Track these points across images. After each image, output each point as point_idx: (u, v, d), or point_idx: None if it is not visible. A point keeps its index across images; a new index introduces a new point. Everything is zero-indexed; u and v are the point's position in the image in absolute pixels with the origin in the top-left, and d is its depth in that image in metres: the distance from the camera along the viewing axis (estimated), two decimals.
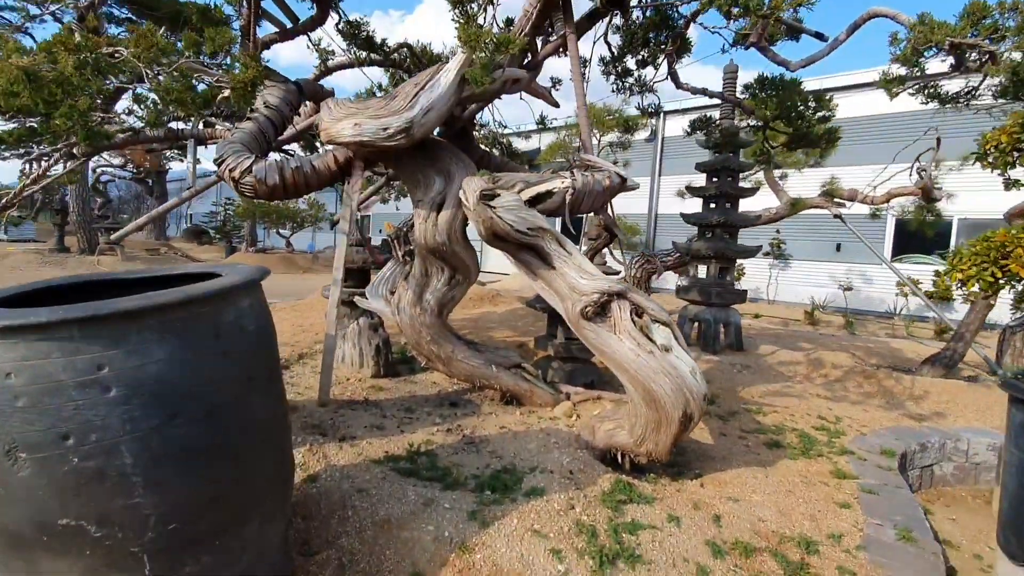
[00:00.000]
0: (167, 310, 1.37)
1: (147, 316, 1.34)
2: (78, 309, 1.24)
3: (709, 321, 6.22)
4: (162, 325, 1.37)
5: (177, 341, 1.39)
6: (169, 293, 1.39)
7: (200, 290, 1.43)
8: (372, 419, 3.39)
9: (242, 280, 1.58)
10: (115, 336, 1.30)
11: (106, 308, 1.27)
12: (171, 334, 1.38)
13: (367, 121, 2.66)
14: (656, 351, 2.68)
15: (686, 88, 4.29)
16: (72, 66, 2.19)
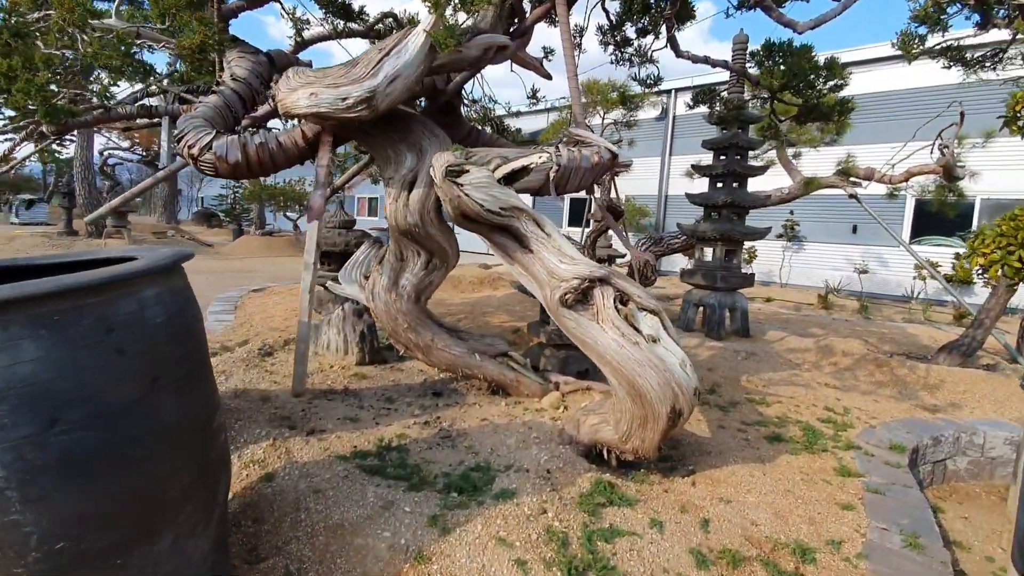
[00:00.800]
0: (40, 302, 1.18)
1: (13, 309, 1.15)
2: None
3: (714, 306, 5.96)
4: (34, 319, 1.18)
5: (54, 337, 1.20)
6: (43, 282, 1.20)
7: (84, 279, 1.24)
8: (347, 410, 3.22)
9: (145, 267, 1.38)
10: None
11: None
12: (47, 329, 1.19)
13: (324, 91, 2.44)
14: (642, 342, 2.46)
15: (686, 56, 3.98)
16: None
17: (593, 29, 4.78)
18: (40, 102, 2.83)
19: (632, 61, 4.75)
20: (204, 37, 2.31)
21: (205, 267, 12.43)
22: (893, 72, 12.17)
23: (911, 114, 11.48)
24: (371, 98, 2.41)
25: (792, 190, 7.75)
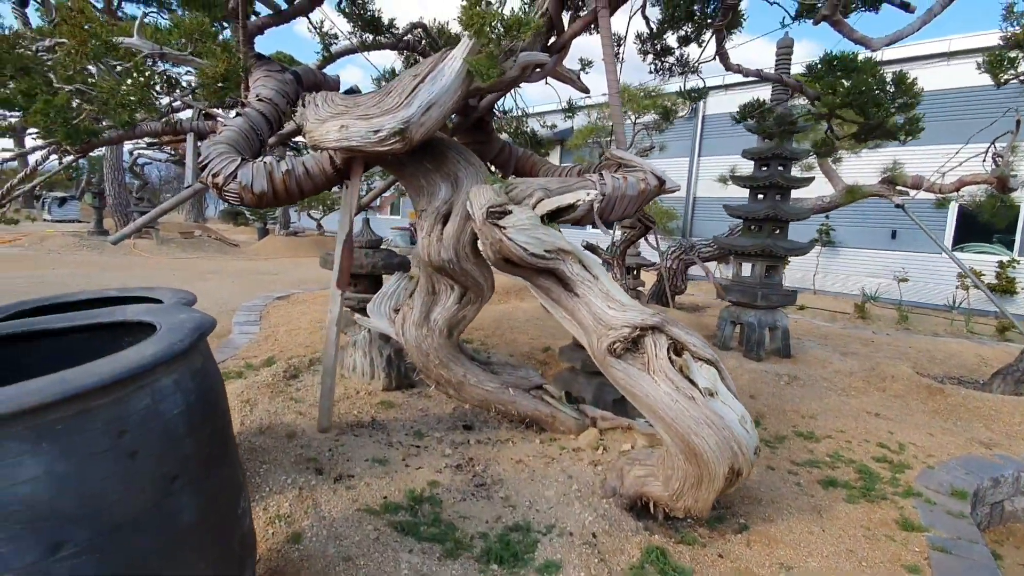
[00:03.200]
0: (41, 412, 1.02)
1: (11, 424, 1.00)
2: None
3: (753, 325, 5.67)
4: (35, 432, 1.02)
5: (58, 450, 1.05)
6: (45, 388, 1.04)
7: (92, 379, 1.08)
8: (376, 449, 3.07)
9: (162, 354, 1.22)
10: None
11: None
12: (49, 442, 1.04)
13: (355, 123, 2.26)
14: (698, 396, 2.24)
15: (738, 70, 3.72)
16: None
17: (631, 35, 4.53)
18: (61, 124, 2.72)
19: (673, 71, 4.49)
20: (228, 66, 2.16)
21: (231, 268, 12.50)
22: (940, 70, 11.59)
23: (960, 115, 10.93)
24: (405, 130, 2.23)
25: (834, 199, 7.39)
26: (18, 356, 1.59)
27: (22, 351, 1.59)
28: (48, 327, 1.60)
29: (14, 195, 3.51)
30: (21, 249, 12.45)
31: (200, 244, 15.81)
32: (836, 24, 2.63)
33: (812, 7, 3.12)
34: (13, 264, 10.31)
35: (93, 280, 9.25)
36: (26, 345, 1.60)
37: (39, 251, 12.62)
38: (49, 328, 1.60)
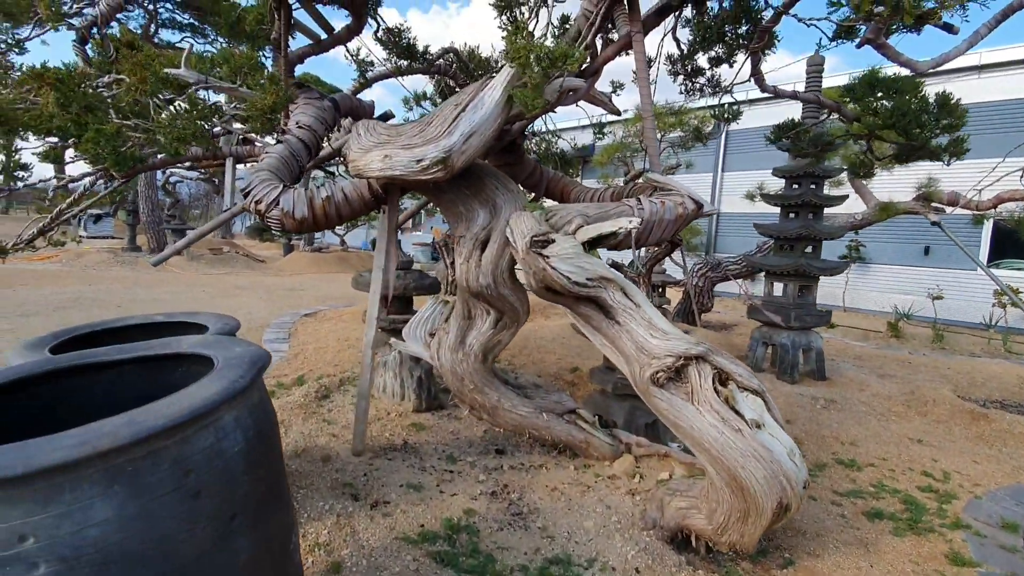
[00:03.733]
0: (113, 455, 1.03)
1: (85, 467, 1.01)
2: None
3: (786, 346, 5.54)
4: (107, 475, 1.03)
5: (128, 492, 1.06)
6: (118, 430, 1.05)
7: (162, 421, 1.09)
8: (410, 474, 3.05)
9: (226, 392, 1.23)
10: (43, 497, 0.98)
11: (23, 466, 0.94)
12: (120, 484, 1.05)
13: (398, 152, 2.29)
14: (744, 428, 2.18)
15: (774, 92, 3.68)
16: (54, 103, 1.93)
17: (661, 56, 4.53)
18: (110, 152, 2.81)
19: (704, 91, 4.47)
20: (276, 98, 2.21)
21: (259, 284, 12.73)
22: (971, 84, 11.35)
23: (996, 129, 10.67)
24: (446, 159, 2.25)
25: (867, 215, 7.24)
26: (76, 388, 1.62)
27: (80, 383, 1.63)
28: (106, 359, 1.63)
29: (63, 219, 3.63)
30: (59, 265, 12.87)
31: (228, 260, 16.15)
32: (880, 47, 2.58)
33: (850, 29, 3.09)
34: (53, 280, 10.65)
35: (128, 296, 9.50)
36: (83, 377, 1.63)
37: (76, 267, 13.02)
38: (107, 360, 1.63)
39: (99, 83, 2.09)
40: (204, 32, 16.31)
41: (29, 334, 6.30)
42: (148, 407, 1.15)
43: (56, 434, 1.04)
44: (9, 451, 0.97)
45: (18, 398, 1.48)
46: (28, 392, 1.50)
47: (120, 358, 1.63)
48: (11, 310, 7.62)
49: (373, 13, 3.35)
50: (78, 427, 1.07)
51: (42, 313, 7.58)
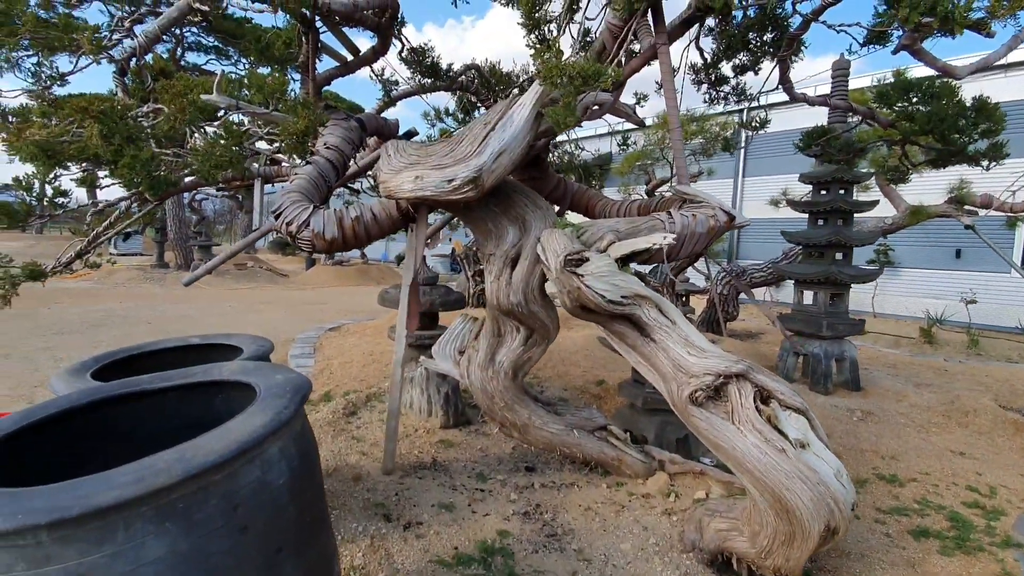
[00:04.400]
0: (165, 493, 1.03)
1: (138, 505, 1.01)
2: (43, 512, 0.92)
3: (819, 356, 5.40)
4: (159, 512, 1.03)
5: (179, 529, 1.05)
6: (171, 467, 1.05)
7: (212, 457, 1.09)
8: (441, 493, 3.03)
9: (272, 425, 1.22)
10: (97, 536, 0.97)
11: (79, 507, 0.94)
12: (172, 521, 1.04)
13: (429, 173, 2.29)
14: (788, 448, 2.11)
15: (803, 99, 3.61)
16: (98, 135, 1.98)
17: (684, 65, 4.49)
18: (144, 177, 2.88)
19: (728, 99, 4.42)
20: (308, 122, 2.24)
21: (283, 298, 12.92)
22: (1003, 83, 11.05)
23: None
24: (477, 178, 2.25)
25: (897, 220, 7.06)
26: (121, 416, 1.63)
27: (124, 411, 1.64)
28: (149, 388, 1.64)
29: (99, 242, 3.72)
30: (92, 283, 13.22)
31: (253, 275, 16.44)
32: (917, 53, 2.52)
33: (881, 34, 3.02)
34: (86, 298, 10.94)
35: (157, 312, 9.71)
36: (128, 406, 1.64)
37: (107, 284, 13.37)
38: (148, 389, 1.64)
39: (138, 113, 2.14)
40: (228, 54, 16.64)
41: (65, 352, 6.46)
42: (196, 442, 1.14)
43: (108, 472, 1.04)
44: (64, 491, 0.97)
45: (67, 428, 1.49)
46: (76, 421, 1.52)
47: (162, 386, 1.65)
48: (48, 328, 7.84)
49: (398, 34, 3.39)
50: (130, 463, 1.07)
51: (76, 331, 7.78)
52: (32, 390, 5.09)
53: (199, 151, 2.21)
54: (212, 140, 2.22)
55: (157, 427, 1.67)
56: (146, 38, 2.31)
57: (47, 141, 2.03)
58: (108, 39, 2.46)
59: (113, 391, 1.60)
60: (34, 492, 0.97)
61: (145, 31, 2.32)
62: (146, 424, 1.66)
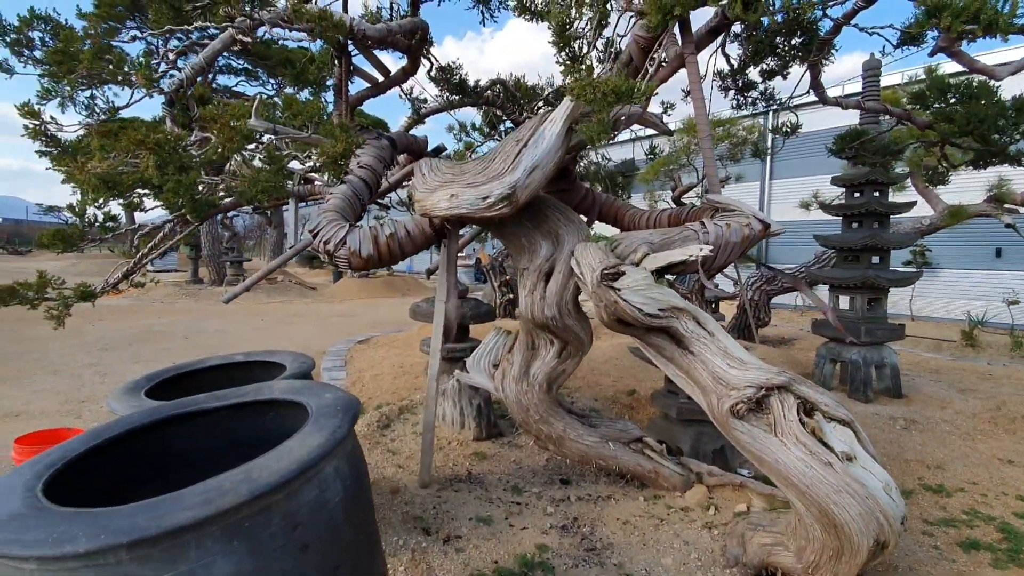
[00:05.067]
0: (232, 513, 1.07)
1: (209, 525, 1.05)
2: (123, 532, 0.97)
3: (857, 362, 5.26)
4: (227, 532, 1.07)
5: (245, 548, 1.09)
6: (238, 487, 1.09)
7: (276, 477, 1.13)
8: (478, 506, 3.04)
9: (329, 444, 1.26)
10: (170, 556, 1.02)
11: (155, 526, 0.98)
12: (238, 540, 1.08)
13: (464, 191, 2.34)
14: (835, 461, 2.07)
15: (835, 103, 3.56)
16: (153, 166, 2.08)
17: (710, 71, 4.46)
18: (187, 200, 2.99)
19: (756, 104, 4.37)
20: (346, 145, 2.31)
21: (312, 311, 13.17)
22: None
23: None
24: (512, 194, 2.28)
25: (935, 220, 6.86)
26: (177, 435, 1.70)
27: (180, 430, 1.71)
28: (203, 407, 1.70)
29: (145, 263, 3.87)
30: (131, 300, 13.69)
31: (283, 288, 16.80)
32: (955, 55, 2.46)
33: (915, 36, 2.96)
34: (125, 315, 11.34)
35: (194, 327, 10.00)
36: (183, 425, 1.71)
37: (144, 301, 13.82)
38: (203, 408, 1.71)
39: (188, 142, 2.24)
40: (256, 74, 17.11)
41: (109, 368, 6.71)
42: (259, 462, 1.19)
43: (180, 492, 1.09)
44: (142, 511, 1.02)
45: (129, 447, 1.56)
46: (137, 440, 1.58)
47: (216, 405, 1.71)
48: (92, 344, 8.15)
49: (426, 53, 3.47)
50: (198, 484, 1.12)
51: (119, 347, 8.07)
52: (80, 405, 5.29)
53: (246, 177, 2.30)
54: (258, 167, 2.31)
55: (211, 445, 1.72)
56: (192, 70, 2.43)
57: (107, 173, 2.15)
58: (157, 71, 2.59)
59: (171, 411, 1.67)
60: (114, 512, 1.02)
61: (192, 64, 2.44)
62: (200, 442, 1.72)
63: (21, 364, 6.77)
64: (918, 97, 3.35)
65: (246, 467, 1.16)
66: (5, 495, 1.13)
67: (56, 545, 0.95)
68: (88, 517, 1.01)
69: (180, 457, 1.69)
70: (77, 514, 1.02)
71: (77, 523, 1.00)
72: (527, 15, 3.96)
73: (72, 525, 0.99)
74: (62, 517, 1.02)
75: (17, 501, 1.10)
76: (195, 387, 2.54)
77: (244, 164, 2.50)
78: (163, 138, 2.21)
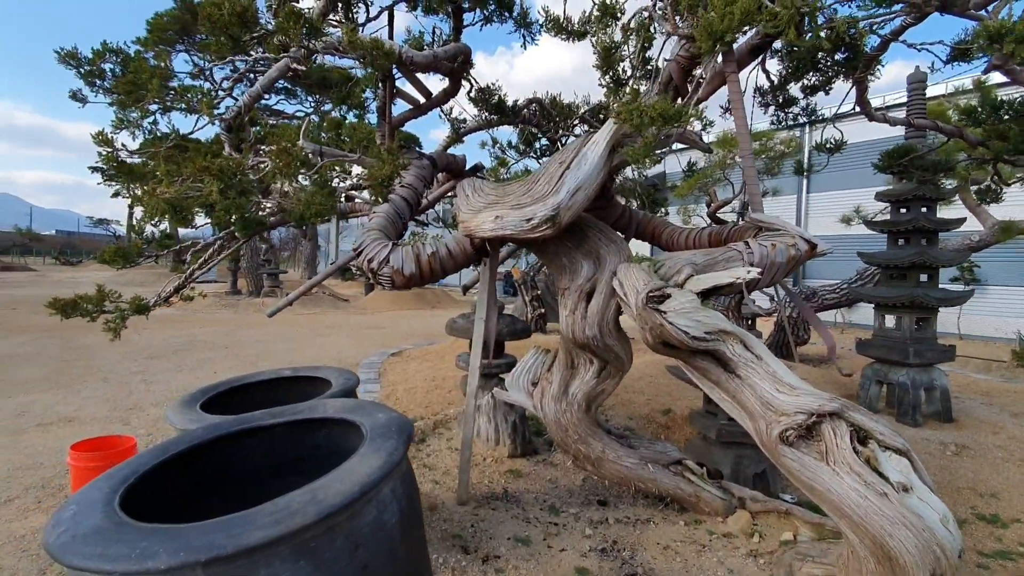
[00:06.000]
0: (301, 533, 1.10)
1: (278, 544, 1.08)
2: (201, 549, 1.01)
3: (905, 385, 5.06)
4: (295, 551, 1.11)
5: (311, 567, 1.12)
6: (306, 507, 1.13)
7: (340, 498, 1.16)
8: (515, 526, 3.04)
9: (388, 466, 1.29)
10: (243, 573, 1.06)
11: (231, 545, 1.02)
12: (305, 559, 1.12)
13: (509, 212, 2.37)
14: (891, 492, 2.00)
15: (883, 120, 3.48)
16: (217, 191, 2.19)
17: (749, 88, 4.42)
18: (238, 218, 3.11)
19: (798, 120, 4.31)
20: (392, 168, 2.38)
21: (345, 322, 13.42)
22: None
23: None
24: (555, 216, 2.30)
25: (984, 238, 6.60)
26: (237, 449, 1.76)
27: (238, 446, 1.76)
28: (260, 424, 1.76)
29: (196, 277, 4.02)
30: (172, 310, 14.20)
31: (317, 300, 17.17)
32: (1009, 73, 2.39)
33: (965, 51, 2.89)
34: (169, 324, 11.76)
35: (233, 338, 10.31)
36: (241, 441, 1.76)
37: (186, 311, 14.31)
38: (261, 425, 1.76)
39: (246, 167, 2.36)
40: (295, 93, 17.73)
41: (154, 375, 6.96)
42: (323, 483, 1.22)
43: (250, 511, 1.13)
44: (217, 529, 1.07)
45: (192, 461, 1.62)
46: (199, 455, 1.64)
47: (273, 423, 1.76)
48: (139, 353, 8.47)
49: (467, 76, 3.54)
50: (266, 503, 1.16)
51: (163, 356, 8.37)
52: (127, 412, 5.50)
53: (298, 198, 2.40)
54: (311, 190, 2.40)
55: (267, 460, 1.77)
56: (249, 98, 2.56)
57: (175, 198, 2.27)
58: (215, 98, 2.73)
59: (231, 427, 1.73)
60: (191, 529, 1.06)
61: (249, 92, 2.57)
62: (257, 457, 1.78)
63: (74, 372, 7.09)
64: (969, 113, 3.25)
65: (311, 487, 1.20)
66: (86, 509, 1.19)
67: (139, 561, 1.00)
68: (167, 533, 1.06)
69: (238, 471, 1.74)
70: (156, 530, 1.07)
71: (156, 539, 1.04)
72: (563, 35, 4.01)
73: (152, 541, 1.04)
74: (142, 533, 1.07)
75: (98, 515, 1.15)
76: (246, 400, 2.63)
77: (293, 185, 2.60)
78: (226, 165, 2.32)
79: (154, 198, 2.22)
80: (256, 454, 1.78)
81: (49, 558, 2.63)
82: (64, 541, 1.04)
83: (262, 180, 2.50)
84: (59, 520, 1.13)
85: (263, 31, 2.54)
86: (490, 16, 3.40)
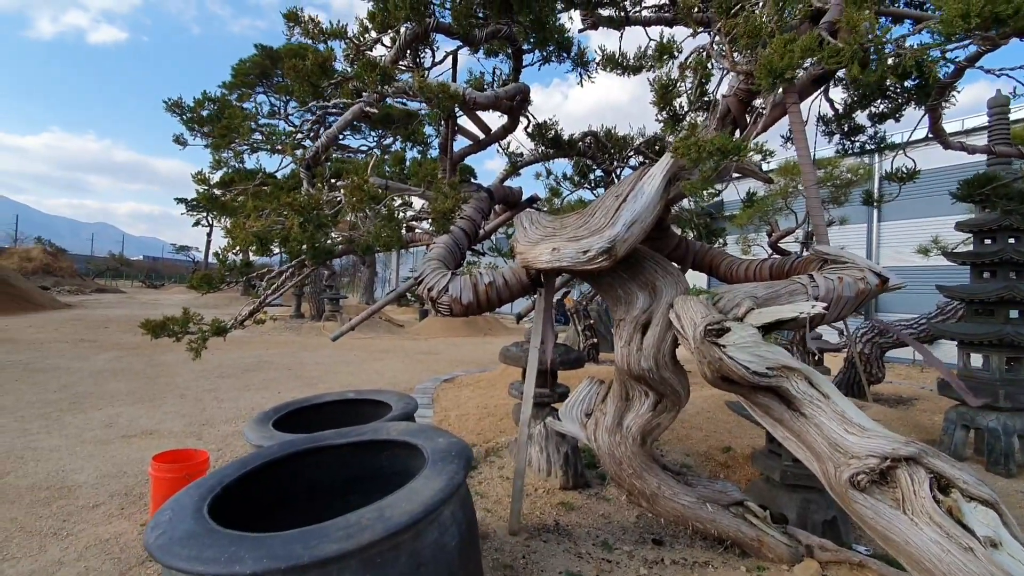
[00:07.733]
0: (369, 548, 1.17)
1: (349, 558, 1.15)
2: (282, 558, 1.09)
3: (996, 431, 4.65)
4: (362, 565, 1.17)
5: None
6: (373, 524, 1.19)
7: (405, 518, 1.22)
8: (567, 560, 2.99)
9: (449, 489, 1.34)
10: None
11: (308, 555, 1.10)
12: (372, 573, 1.17)
13: (565, 245, 2.43)
14: (977, 547, 1.85)
15: (961, 148, 3.32)
16: (297, 225, 2.38)
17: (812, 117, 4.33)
18: (310, 247, 3.33)
19: (865, 148, 4.17)
20: (455, 203, 2.51)
21: (399, 347, 13.78)
22: None
23: None
24: (611, 248, 2.34)
25: None
26: (306, 466, 1.86)
27: (308, 463, 1.87)
28: (329, 443, 1.86)
29: (269, 302, 4.30)
30: (241, 332, 15.06)
31: (374, 325, 17.73)
32: None
33: None
34: (238, 345, 12.48)
35: (296, 359, 10.81)
36: (311, 458, 1.87)
37: (253, 333, 15.15)
38: (329, 444, 1.86)
39: (322, 202, 2.56)
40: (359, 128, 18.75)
41: (224, 393, 7.39)
42: (389, 501, 1.29)
43: (323, 525, 1.20)
44: (295, 540, 1.14)
45: (267, 475, 1.73)
46: (274, 469, 1.75)
47: (340, 442, 1.86)
48: (211, 371, 9.03)
49: (525, 112, 3.69)
50: (337, 519, 1.23)
51: (232, 375, 8.88)
52: (200, 428, 5.85)
53: (368, 230, 2.57)
54: (380, 223, 2.57)
55: (333, 477, 1.86)
56: (327, 139, 2.79)
57: (260, 231, 2.49)
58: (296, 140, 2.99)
59: (302, 445, 1.84)
60: (273, 539, 1.15)
61: (327, 134, 2.81)
62: (324, 473, 1.87)
63: (155, 388, 7.63)
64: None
65: (379, 505, 1.27)
66: (180, 514, 1.30)
67: (228, 565, 1.09)
68: (252, 541, 1.15)
69: (307, 486, 1.84)
70: (242, 537, 1.16)
71: (243, 546, 1.13)
72: (619, 70, 4.10)
73: (239, 548, 1.13)
74: (231, 539, 1.16)
75: (191, 520, 1.26)
76: (314, 419, 2.77)
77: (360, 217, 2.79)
78: (306, 201, 2.53)
79: (243, 231, 2.44)
80: (323, 471, 1.88)
81: (129, 562, 2.83)
82: (163, 543, 1.15)
83: (336, 214, 2.69)
84: (157, 523, 1.25)
85: (340, 77, 2.77)
86: (548, 56, 3.54)
